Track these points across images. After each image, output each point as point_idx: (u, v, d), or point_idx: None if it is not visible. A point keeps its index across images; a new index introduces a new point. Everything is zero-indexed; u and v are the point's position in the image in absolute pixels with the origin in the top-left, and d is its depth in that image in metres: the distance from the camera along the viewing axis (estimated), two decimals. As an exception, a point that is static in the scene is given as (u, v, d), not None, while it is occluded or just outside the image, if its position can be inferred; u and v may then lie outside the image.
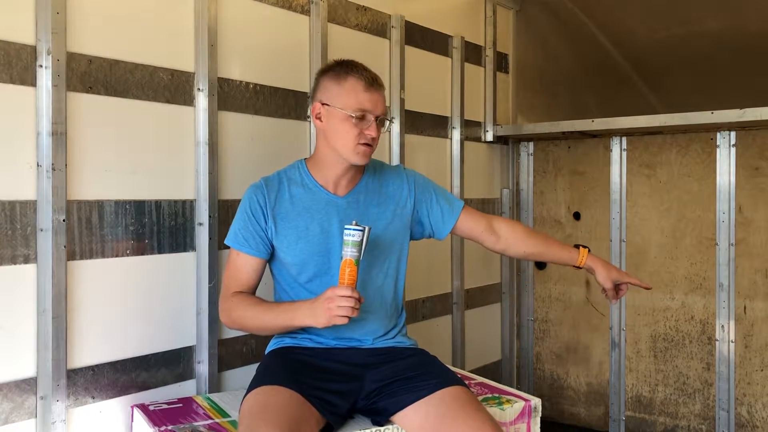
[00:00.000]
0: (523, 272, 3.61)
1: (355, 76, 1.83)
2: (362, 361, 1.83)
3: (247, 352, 2.24)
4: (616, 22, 3.62)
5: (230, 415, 1.85)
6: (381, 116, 1.84)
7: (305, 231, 1.85)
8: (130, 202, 1.94)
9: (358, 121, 1.80)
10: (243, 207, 1.88)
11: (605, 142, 3.34)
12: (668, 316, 3.19)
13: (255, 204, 1.86)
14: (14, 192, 1.69)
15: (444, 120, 3.13)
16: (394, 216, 1.94)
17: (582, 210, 3.44)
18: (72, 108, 1.78)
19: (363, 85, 1.82)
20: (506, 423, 1.93)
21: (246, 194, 1.89)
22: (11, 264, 1.68)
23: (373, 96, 1.82)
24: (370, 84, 1.82)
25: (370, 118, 1.82)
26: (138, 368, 1.95)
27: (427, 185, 2.03)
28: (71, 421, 1.80)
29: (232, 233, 1.88)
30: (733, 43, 3.40)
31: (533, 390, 3.56)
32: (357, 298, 1.65)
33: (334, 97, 1.83)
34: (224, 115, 2.16)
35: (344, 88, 1.82)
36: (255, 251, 1.85)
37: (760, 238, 2.96)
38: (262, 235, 1.85)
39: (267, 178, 1.92)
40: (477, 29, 3.36)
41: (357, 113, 1.80)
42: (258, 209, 1.85)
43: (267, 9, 2.30)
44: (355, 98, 1.81)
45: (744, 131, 2.98)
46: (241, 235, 1.85)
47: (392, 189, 1.97)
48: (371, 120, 1.82)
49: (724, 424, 3.02)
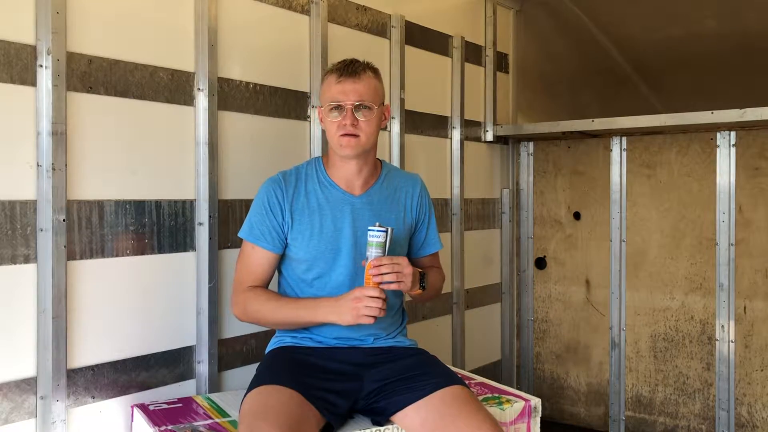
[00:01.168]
0: (523, 272, 3.61)
1: (332, 71, 1.86)
2: (362, 361, 1.83)
3: (247, 352, 2.24)
4: (616, 22, 3.62)
5: (230, 415, 1.85)
6: (355, 103, 1.82)
7: (319, 228, 1.86)
8: (130, 202, 1.94)
9: (335, 114, 1.83)
10: (260, 200, 1.88)
11: (605, 142, 3.34)
12: (668, 316, 3.19)
13: (273, 198, 1.86)
14: (14, 192, 1.69)
15: (444, 120, 3.13)
16: (401, 221, 1.96)
17: (582, 210, 3.44)
18: (72, 108, 1.78)
19: (335, 77, 1.84)
20: (506, 423, 1.93)
21: (263, 188, 1.89)
22: (11, 264, 1.68)
23: (344, 86, 1.82)
24: (340, 74, 1.83)
25: (344, 108, 1.82)
26: (138, 368, 1.95)
27: (431, 208, 2.07)
28: (71, 421, 1.80)
29: (247, 226, 1.88)
30: (733, 43, 3.40)
31: (533, 390, 3.56)
32: (384, 298, 1.70)
33: (321, 96, 1.90)
34: (224, 115, 2.16)
35: (324, 85, 1.89)
36: (271, 245, 1.85)
37: (760, 238, 2.96)
38: (279, 230, 1.85)
39: (285, 172, 1.92)
40: (477, 29, 3.36)
41: (330, 105, 1.83)
42: (276, 203, 1.86)
43: (267, 9, 2.30)
44: (329, 92, 1.84)
45: (744, 131, 2.98)
46: (257, 229, 1.86)
47: (404, 196, 1.99)
48: (346, 109, 1.82)
49: (724, 424, 3.02)
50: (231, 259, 2.09)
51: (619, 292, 3.27)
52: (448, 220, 3.13)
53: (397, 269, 1.73)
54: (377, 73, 1.91)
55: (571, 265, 3.47)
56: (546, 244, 3.56)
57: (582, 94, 4.11)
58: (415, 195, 2.00)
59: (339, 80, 1.83)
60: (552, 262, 3.54)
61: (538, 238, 3.58)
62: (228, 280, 2.12)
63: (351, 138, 1.82)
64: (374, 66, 1.92)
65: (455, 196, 3.15)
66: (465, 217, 3.21)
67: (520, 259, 3.62)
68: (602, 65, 3.89)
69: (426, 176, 2.18)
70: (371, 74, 1.87)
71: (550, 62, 3.92)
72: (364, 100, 1.82)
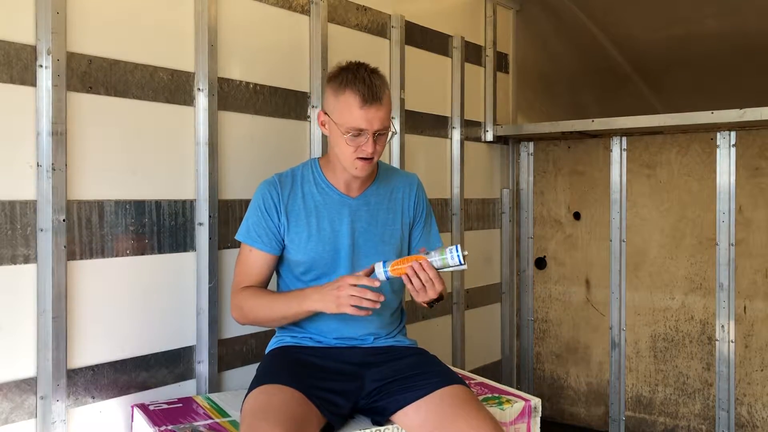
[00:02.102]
0: (523, 272, 3.61)
1: (352, 90, 1.74)
2: (362, 361, 1.83)
3: (247, 352, 2.24)
4: (616, 22, 3.62)
5: (230, 415, 1.85)
6: (379, 131, 1.76)
7: (317, 230, 1.85)
8: (130, 202, 1.94)
9: (353, 138, 1.75)
10: (256, 203, 1.87)
11: (605, 142, 3.34)
12: (668, 316, 3.18)
13: (269, 200, 1.85)
14: (14, 192, 1.69)
15: (444, 120, 3.13)
16: (398, 222, 1.95)
17: (582, 210, 3.44)
18: (72, 108, 1.78)
19: (358, 101, 1.73)
20: (506, 423, 1.93)
21: (259, 190, 1.88)
22: (11, 264, 1.68)
23: (369, 113, 1.73)
24: (365, 100, 1.72)
25: (366, 134, 1.75)
26: (138, 368, 1.95)
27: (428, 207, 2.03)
28: (71, 421, 1.80)
29: (244, 229, 1.87)
30: (733, 43, 3.40)
31: (533, 390, 3.56)
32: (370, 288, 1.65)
33: (333, 110, 1.79)
34: (224, 115, 2.16)
35: (340, 102, 1.76)
36: (268, 247, 1.85)
37: (760, 238, 2.96)
38: (275, 231, 1.85)
39: (280, 174, 1.91)
40: (477, 29, 3.36)
41: (351, 132, 1.74)
42: (272, 205, 1.85)
43: (267, 9, 2.30)
44: (349, 115, 1.74)
45: (744, 131, 2.98)
46: (254, 231, 1.85)
47: (400, 196, 1.97)
48: (368, 136, 1.75)
49: (724, 424, 3.02)
50: (231, 259, 2.09)
51: (619, 292, 3.27)
52: (448, 220, 3.13)
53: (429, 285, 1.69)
54: (387, 85, 1.82)
55: (571, 265, 3.47)
56: (546, 244, 3.56)
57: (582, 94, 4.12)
58: (411, 195, 1.99)
59: (363, 106, 1.72)
60: (552, 262, 3.54)
61: (538, 238, 3.58)
62: (228, 280, 2.12)
63: (367, 162, 1.79)
64: (382, 74, 1.82)
65: (455, 196, 3.15)
66: (465, 217, 3.21)
67: (520, 259, 3.62)
68: (602, 65, 3.89)
69: (426, 176, 2.18)
70: (388, 93, 1.79)
71: (550, 62, 3.92)
72: (386, 127, 1.78)
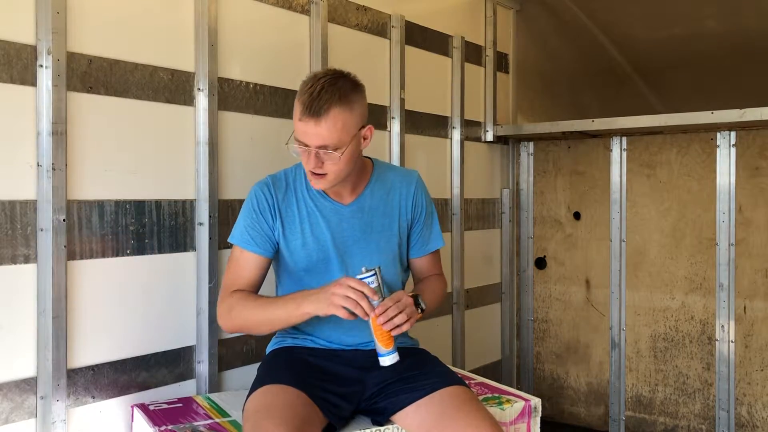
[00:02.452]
0: (523, 272, 3.61)
1: (298, 99, 1.68)
2: (364, 364, 1.82)
3: (247, 352, 2.24)
4: (616, 22, 3.62)
5: (230, 415, 1.85)
6: (322, 148, 1.66)
7: (311, 238, 1.82)
8: (130, 202, 1.94)
9: (300, 149, 1.69)
10: (249, 204, 1.82)
11: (605, 142, 3.34)
12: (668, 316, 3.19)
13: (263, 202, 1.81)
14: (14, 192, 1.69)
15: (444, 120, 3.13)
16: (396, 224, 1.90)
17: (582, 210, 3.44)
18: (72, 108, 1.78)
19: (299, 112, 1.67)
20: (506, 423, 1.92)
21: (252, 191, 1.84)
22: (11, 264, 1.68)
23: (306, 126, 1.65)
24: (303, 112, 1.65)
25: (308, 149, 1.67)
26: (138, 368, 1.95)
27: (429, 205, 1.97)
28: (71, 421, 1.80)
29: (237, 231, 1.82)
30: (733, 43, 3.40)
31: (533, 390, 3.56)
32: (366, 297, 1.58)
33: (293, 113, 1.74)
34: (224, 115, 2.16)
35: (295, 105, 1.71)
36: (261, 249, 1.80)
37: (760, 238, 2.96)
38: (269, 233, 1.81)
39: (274, 176, 1.87)
40: (477, 29, 3.35)
41: (297, 142, 1.69)
42: (266, 207, 1.81)
43: (267, 9, 2.30)
44: (295, 121, 1.69)
45: (744, 131, 2.98)
46: (247, 233, 1.80)
47: (397, 197, 1.91)
48: (309, 150, 1.67)
49: (724, 424, 3.02)
50: (231, 259, 2.09)
51: (619, 292, 3.27)
52: (448, 220, 3.13)
53: (401, 306, 1.63)
54: (349, 102, 1.67)
55: (571, 265, 3.47)
56: (546, 244, 3.56)
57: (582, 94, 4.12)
58: (409, 194, 1.92)
59: (301, 118, 1.65)
60: (552, 262, 3.54)
61: (538, 238, 3.58)
62: (228, 280, 2.12)
63: (319, 177, 1.72)
64: (348, 92, 1.68)
65: (455, 196, 3.15)
66: (465, 217, 3.21)
67: (520, 259, 3.62)
68: (602, 65, 3.89)
69: (426, 176, 2.17)
70: (339, 109, 1.64)
71: (550, 62, 3.92)
72: (327, 145, 1.66)
